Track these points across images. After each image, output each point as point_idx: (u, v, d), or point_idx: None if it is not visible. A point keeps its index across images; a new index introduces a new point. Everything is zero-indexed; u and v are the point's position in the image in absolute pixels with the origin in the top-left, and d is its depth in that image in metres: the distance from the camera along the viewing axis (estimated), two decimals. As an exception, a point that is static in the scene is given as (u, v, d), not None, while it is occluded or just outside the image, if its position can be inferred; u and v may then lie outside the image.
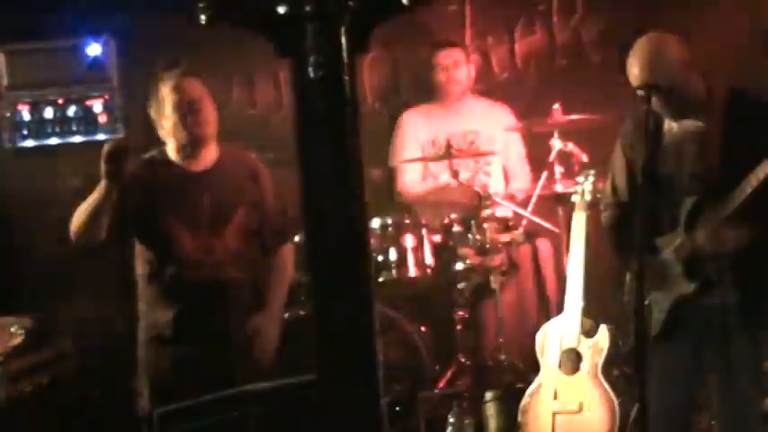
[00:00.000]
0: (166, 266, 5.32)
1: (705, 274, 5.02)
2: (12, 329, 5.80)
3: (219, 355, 5.25)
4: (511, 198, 7.12)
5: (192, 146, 5.33)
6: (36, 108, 6.94)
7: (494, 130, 7.40)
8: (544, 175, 6.91)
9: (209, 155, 5.42)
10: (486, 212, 6.81)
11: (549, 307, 6.71)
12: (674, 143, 5.11)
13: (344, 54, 2.61)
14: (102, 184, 5.13)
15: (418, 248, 6.82)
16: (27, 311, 6.00)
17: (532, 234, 7.05)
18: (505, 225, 6.95)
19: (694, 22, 6.92)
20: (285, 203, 5.53)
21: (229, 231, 5.33)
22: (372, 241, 6.68)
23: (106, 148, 5.13)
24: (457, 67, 7.46)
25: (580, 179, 6.34)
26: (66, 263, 5.68)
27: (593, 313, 6.11)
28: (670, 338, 5.09)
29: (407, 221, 6.85)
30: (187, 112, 5.27)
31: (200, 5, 2.64)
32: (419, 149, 7.37)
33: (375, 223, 6.78)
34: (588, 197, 6.23)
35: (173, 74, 5.40)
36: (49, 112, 6.94)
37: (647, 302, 5.01)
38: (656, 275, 5.06)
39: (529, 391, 6.20)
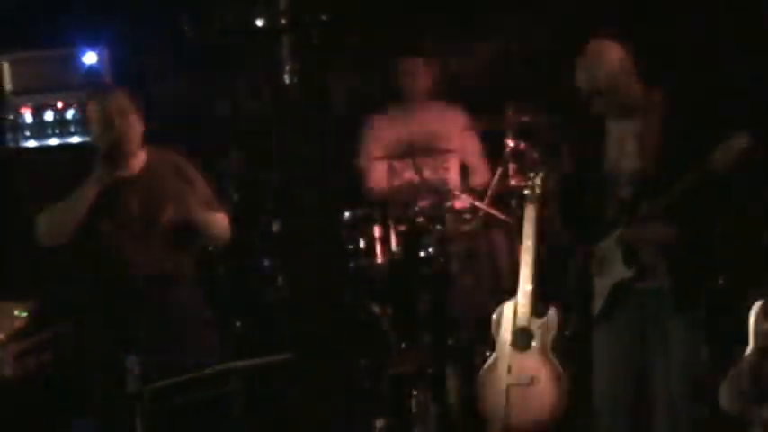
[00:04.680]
0: (103, 269, 5.28)
1: (641, 261, 5.05)
2: (15, 313, 5.79)
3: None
4: (468, 192, 7.12)
5: (123, 155, 5.22)
6: (37, 111, 6.91)
7: (451, 131, 7.40)
8: (498, 171, 6.92)
9: (137, 161, 5.32)
10: (447, 205, 6.83)
11: (502, 290, 6.72)
12: (615, 142, 5.13)
13: (317, 62, 2.64)
14: (92, 182, 5.08)
15: (385, 238, 6.83)
16: (29, 297, 5.98)
17: (488, 225, 7.07)
18: (464, 217, 6.99)
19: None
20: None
21: (160, 229, 5.25)
22: (344, 232, 6.69)
23: (104, 147, 5.08)
24: (417, 73, 7.47)
25: (531, 175, 6.37)
26: (63, 251, 5.64)
27: (543, 295, 6.15)
28: (610, 319, 5.12)
29: (375, 214, 6.85)
30: (105, 126, 5.17)
31: (188, 18, 2.65)
32: (384, 149, 7.37)
33: (346, 215, 6.78)
34: (538, 191, 6.26)
35: (97, 92, 5.38)
36: (49, 115, 6.92)
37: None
38: (598, 262, 5.09)
39: (485, 366, 6.24)
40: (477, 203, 6.97)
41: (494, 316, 6.25)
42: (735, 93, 6.86)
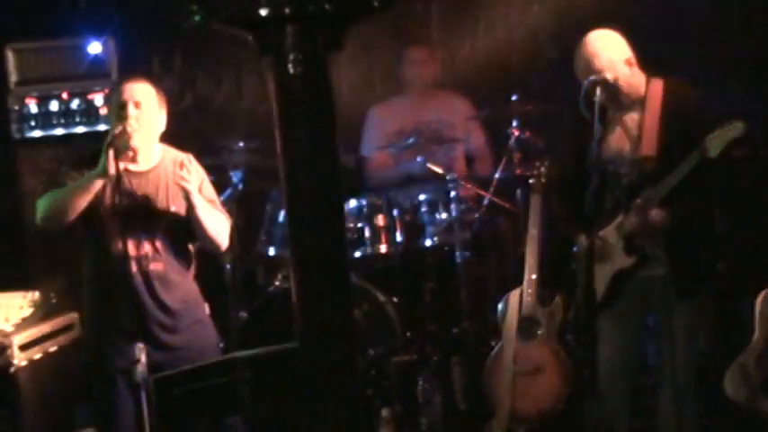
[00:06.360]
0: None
1: (642, 249, 5.05)
2: (22, 303, 5.80)
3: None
4: (473, 181, 7.12)
5: (127, 147, 5.09)
6: (42, 101, 6.91)
7: (456, 119, 7.40)
8: (504, 159, 6.91)
9: (150, 158, 5.22)
10: (451, 194, 6.83)
11: (508, 279, 6.72)
12: (617, 132, 5.13)
13: (321, 52, 2.62)
14: (98, 173, 5.02)
15: (390, 227, 6.83)
16: (35, 287, 5.99)
17: (493, 213, 7.07)
18: (468, 205, 6.98)
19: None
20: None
21: (160, 227, 5.15)
22: (349, 221, 6.69)
23: (112, 137, 5.02)
24: (423, 62, 7.47)
25: (536, 164, 6.37)
26: (70, 242, 5.64)
27: (548, 284, 6.14)
28: (612, 306, 5.12)
29: (380, 203, 6.85)
30: (122, 115, 5.07)
31: (192, 7, 2.64)
32: (388, 138, 7.36)
33: (351, 204, 6.78)
34: (543, 180, 6.26)
35: (122, 81, 5.31)
36: (54, 105, 6.92)
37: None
38: (600, 250, 5.08)
39: (491, 354, 6.24)
40: (482, 192, 6.96)
41: (499, 305, 6.25)
42: (734, 81, 6.87)
